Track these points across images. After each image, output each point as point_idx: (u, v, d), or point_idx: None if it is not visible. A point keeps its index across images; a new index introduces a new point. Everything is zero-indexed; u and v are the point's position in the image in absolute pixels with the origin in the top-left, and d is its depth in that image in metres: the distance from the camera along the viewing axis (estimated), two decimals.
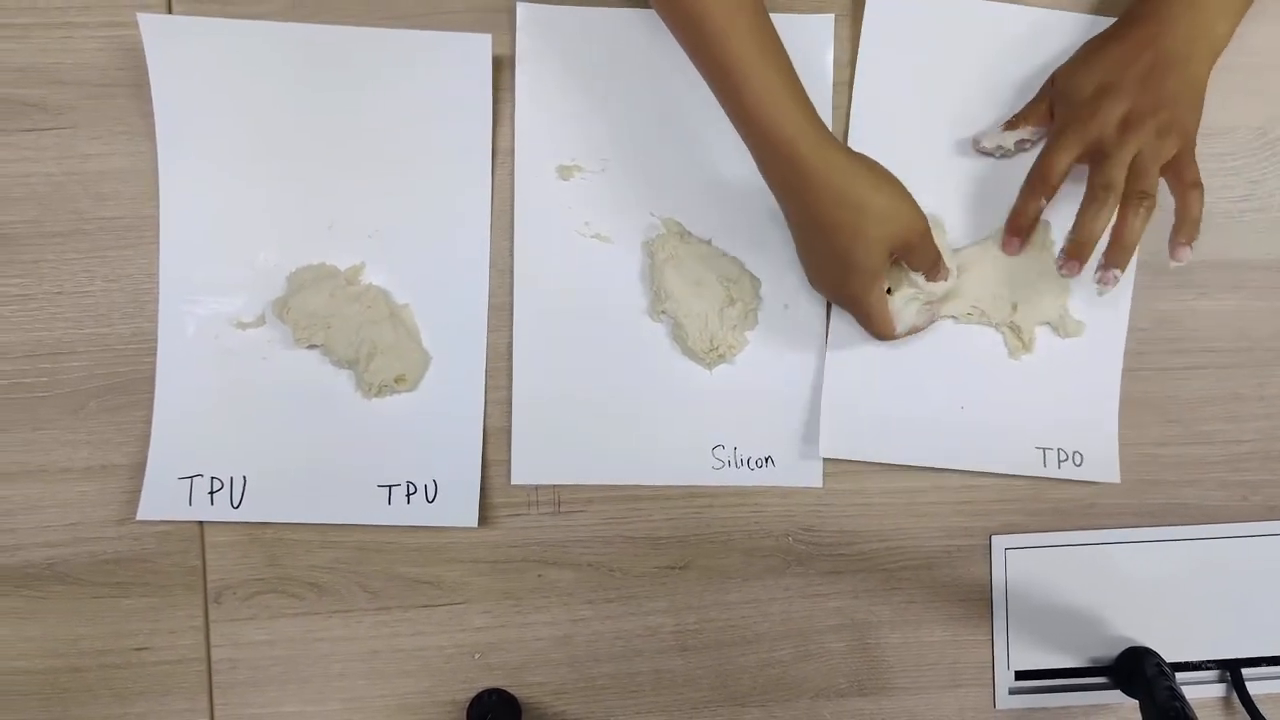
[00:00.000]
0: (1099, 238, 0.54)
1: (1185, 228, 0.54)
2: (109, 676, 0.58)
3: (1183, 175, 0.55)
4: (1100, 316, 0.60)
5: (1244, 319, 0.62)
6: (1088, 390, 0.61)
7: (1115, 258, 0.54)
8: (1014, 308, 0.59)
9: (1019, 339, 0.59)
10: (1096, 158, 0.54)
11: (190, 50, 0.56)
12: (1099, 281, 0.54)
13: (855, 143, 0.59)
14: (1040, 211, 0.57)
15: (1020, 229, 0.57)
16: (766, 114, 0.50)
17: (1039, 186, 0.56)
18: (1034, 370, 0.60)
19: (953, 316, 0.59)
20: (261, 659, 0.59)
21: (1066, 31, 0.59)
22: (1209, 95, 0.60)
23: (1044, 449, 0.60)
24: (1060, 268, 0.55)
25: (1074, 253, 0.54)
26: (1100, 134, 0.54)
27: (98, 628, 0.58)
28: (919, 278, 0.56)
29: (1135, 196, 0.53)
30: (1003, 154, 0.59)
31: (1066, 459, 0.60)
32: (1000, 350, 0.60)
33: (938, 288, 0.57)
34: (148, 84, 0.56)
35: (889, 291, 0.56)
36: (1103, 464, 0.61)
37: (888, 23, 0.59)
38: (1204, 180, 0.61)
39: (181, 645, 0.58)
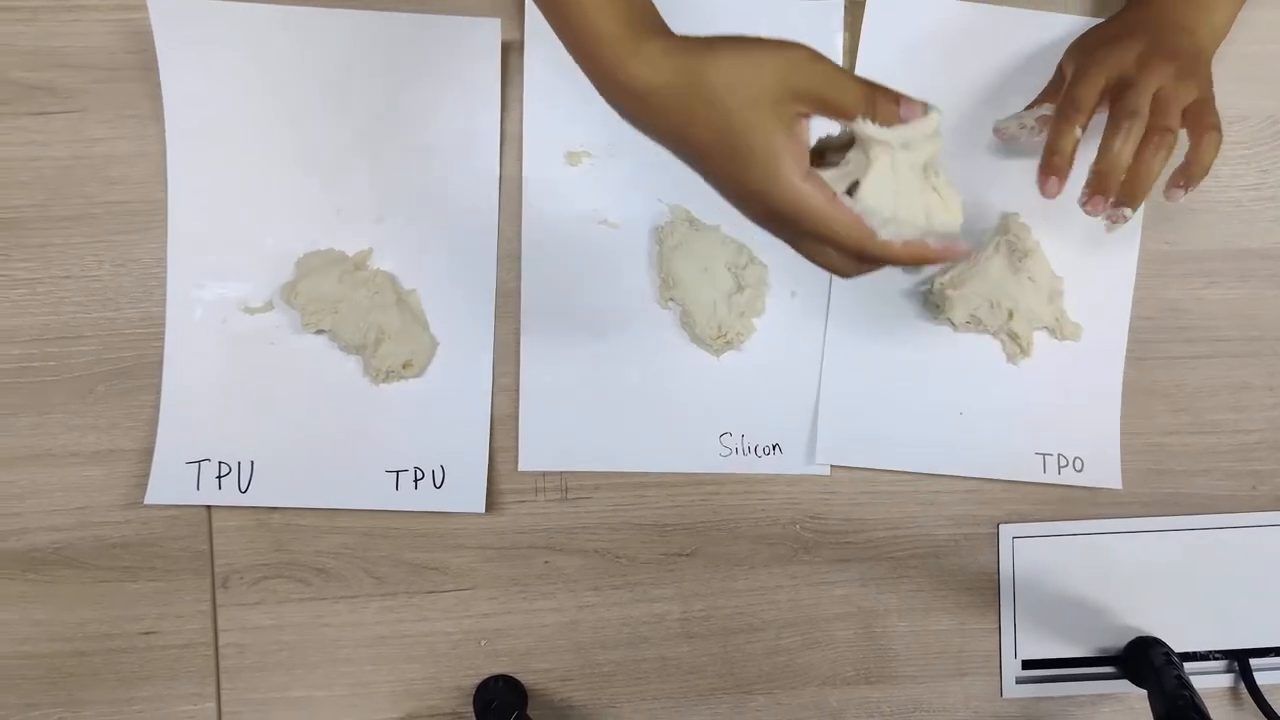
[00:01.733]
0: (1124, 167, 0.50)
1: (1191, 170, 0.52)
2: (115, 661, 0.58)
3: (1202, 118, 0.52)
4: (1100, 318, 0.60)
5: (1253, 308, 0.61)
6: (1088, 394, 0.61)
7: (1128, 196, 0.50)
8: (1010, 314, 0.58)
9: (1017, 344, 0.59)
10: (1119, 90, 0.51)
11: (200, 33, 0.56)
12: (1107, 219, 0.51)
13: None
14: (1076, 144, 0.51)
15: (1057, 167, 0.51)
16: (574, 17, 0.40)
17: (1071, 115, 0.51)
18: (1034, 375, 0.60)
19: (950, 323, 0.59)
20: (268, 644, 0.59)
21: (1063, 32, 0.59)
22: (1219, 82, 0.60)
23: (1044, 454, 0.60)
24: (1084, 204, 0.51)
25: (1098, 186, 0.50)
26: (1121, 68, 0.52)
27: (104, 612, 0.58)
28: (888, 137, 0.39)
29: (1157, 131, 0.50)
30: (1027, 133, 0.56)
31: (1067, 464, 0.60)
32: (999, 355, 0.60)
33: (918, 149, 0.40)
34: (157, 67, 0.55)
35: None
36: (1104, 469, 0.61)
37: (887, 23, 0.59)
38: (1214, 169, 0.61)
39: (188, 630, 0.58)
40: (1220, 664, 0.63)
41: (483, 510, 0.58)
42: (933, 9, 0.59)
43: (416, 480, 0.58)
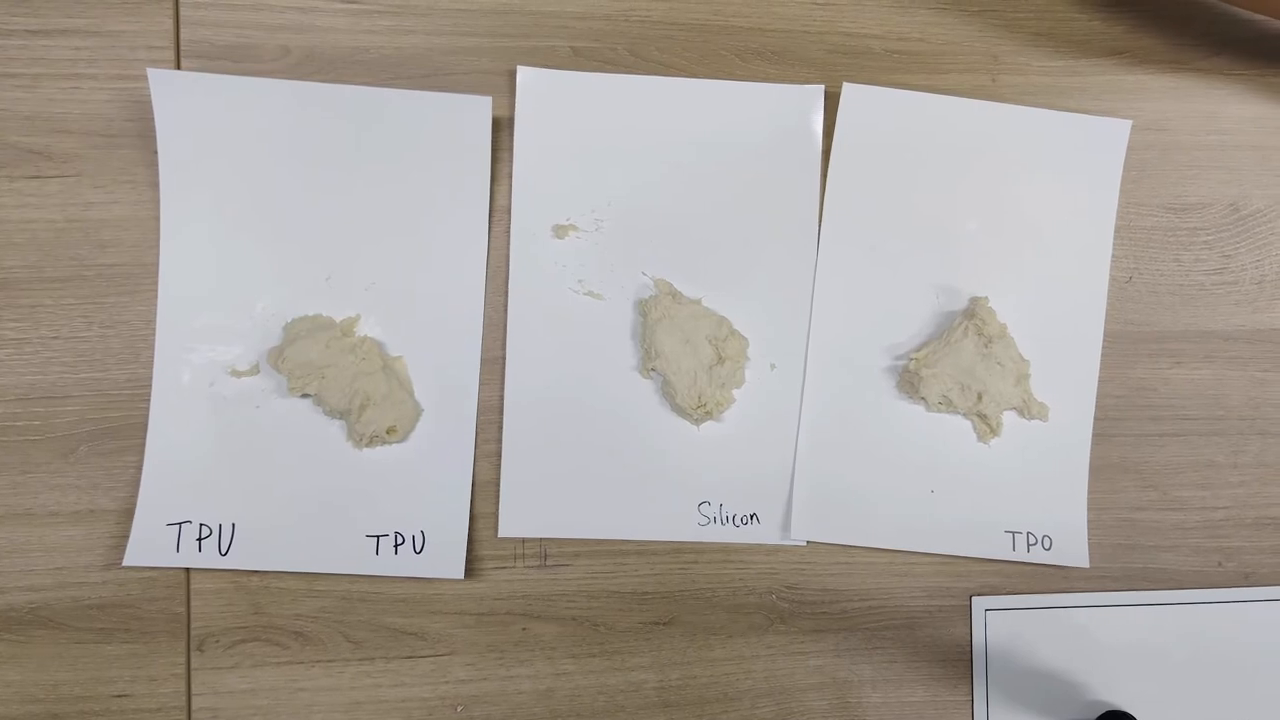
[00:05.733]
0: None
1: None
2: None
3: None
4: (1066, 399, 0.62)
5: (1217, 388, 0.63)
6: (1057, 473, 0.62)
7: None
8: (979, 397, 0.60)
9: (986, 425, 0.61)
10: None
11: (197, 105, 0.57)
12: None
13: (828, 232, 0.61)
14: None
15: None
16: None
17: None
18: (1003, 453, 0.61)
19: (924, 402, 0.61)
20: (242, 708, 0.58)
21: (1031, 126, 0.62)
22: (1182, 173, 0.63)
23: (1013, 533, 0.61)
24: None
25: None
26: None
27: (79, 674, 0.57)
28: None
29: None
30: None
31: (1036, 543, 0.61)
32: (969, 434, 0.61)
33: None
34: (153, 135, 0.57)
35: None
36: (1072, 548, 0.62)
37: (860, 112, 0.61)
38: (1178, 254, 0.63)
39: (162, 693, 0.58)
40: None
41: (462, 576, 0.58)
42: (904, 101, 0.61)
43: (397, 545, 0.58)
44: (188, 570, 0.58)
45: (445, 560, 0.58)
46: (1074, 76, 0.63)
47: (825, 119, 0.61)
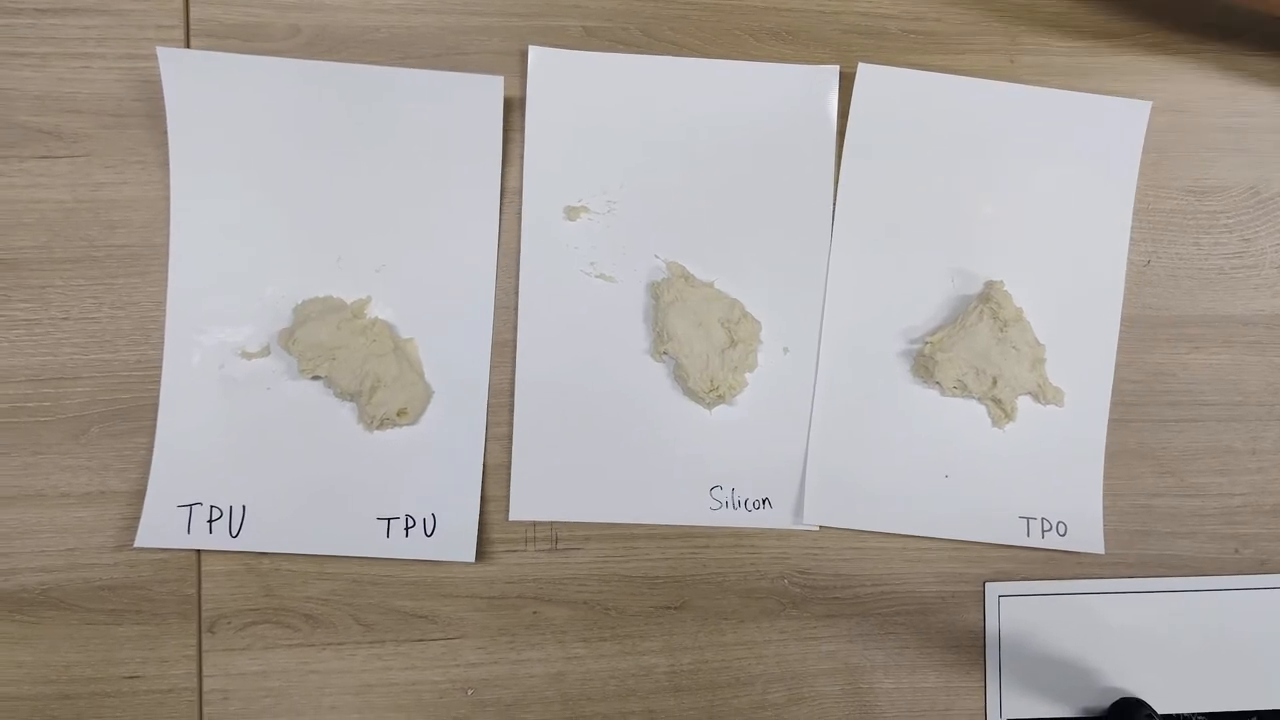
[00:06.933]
0: None
1: None
2: (99, 704, 0.57)
3: None
4: (1082, 384, 0.61)
5: (1236, 373, 0.63)
6: (1071, 459, 0.61)
7: None
8: (994, 381, 0.59)
9: (1001, 410, 0.60)
10: None
11: (207, 84, 0.57)
12: None
13: (843, 215, 0.60)
14: None
15: None
16: None
17: None
18: (1018, 439, 0.61)
19: (938, 386, 0.60)
20: (253, 690, 0.58)
21: (1049, 106, 0.61)
22: (1203, 155, 0.62)
23: (1028, 518, 0.61)
24: None
25: None
26: None
27: (90, 655, 0.57)
28: None
29: None
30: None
31: (1050, 529, 0.61)
32: (985, 419, 0.61)
33: None
34: (163, 115, 0.56)
35: None
36: (1087, 534, 0.61)
37: (876, 92, 0.60)
38: (1197, 238, 0.63)
39: (173, 675, 0.58)
40: None
41: (473, 559, 0.58)
42: (920, 82, 0.61)
43: (407, 528, 0.58)
44: (199, 552, 0.58)
45: (456, 543, 0.58)
46: (1093, 57, 0.62)
47: (840, 100, 0.61)
